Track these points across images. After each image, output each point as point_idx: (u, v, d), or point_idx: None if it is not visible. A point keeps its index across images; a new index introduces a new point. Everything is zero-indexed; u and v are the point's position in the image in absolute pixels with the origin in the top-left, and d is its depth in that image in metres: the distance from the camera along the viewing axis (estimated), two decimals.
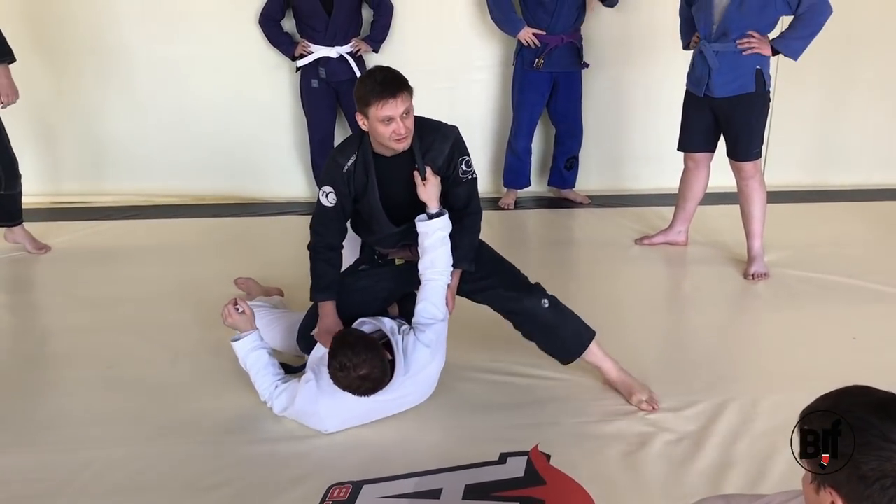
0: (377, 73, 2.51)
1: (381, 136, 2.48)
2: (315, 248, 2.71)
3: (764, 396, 2.69)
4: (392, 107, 2.43)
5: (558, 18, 4.46)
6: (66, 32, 4.65)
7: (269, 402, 2.54)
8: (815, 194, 5.06)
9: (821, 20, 3.44)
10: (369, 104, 2.44)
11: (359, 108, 2.49)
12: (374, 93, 2.43)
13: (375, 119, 2.45)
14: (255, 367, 2.55)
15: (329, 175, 2.64)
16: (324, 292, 2.68)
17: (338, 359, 2.32)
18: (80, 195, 4.89)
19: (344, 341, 2.36)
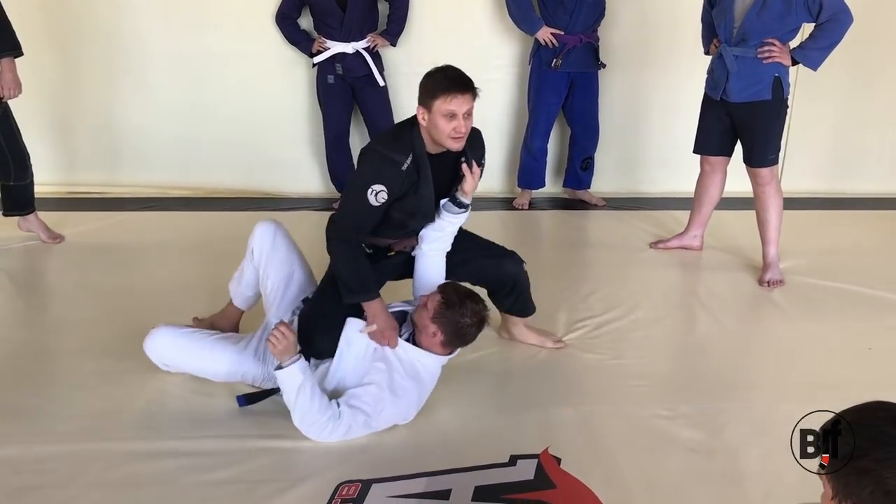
0: (448, 69, 2.53)
1: (440, 131, 2.48)
2: (353, 245, 2.62)
3: (778, 405, 2.67)
4: (459, 102, 2.45)
5: (577, 18, 4.44)
6: (84, 24, 4.67)
7: (327, 431, 2.37)
8: (832, 202, 5.03)
9: (842, 30, 3.41)
10: (436, 96, 2.45)
11: (422, 101, 2.50)
12: (443, 86, 2.45)
13: (439, 113, 2.45)
14: (314, 396, 2.37)
15: (382, 173, 2.52)
16: (373, 290, 2.58)
17: (474, 307, 2.46)
18: (96, 186, 4.90)
19: (460, 294, 2.47)
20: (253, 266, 2.82)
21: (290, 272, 2.78)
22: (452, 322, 2.47)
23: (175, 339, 2.64)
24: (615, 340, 3.18)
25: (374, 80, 4.48)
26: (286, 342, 2.35)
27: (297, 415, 2.38)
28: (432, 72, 2.55)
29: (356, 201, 2.56)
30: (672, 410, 2.65)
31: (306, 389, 2.36)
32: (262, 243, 2.78)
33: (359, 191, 2.54)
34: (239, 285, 2.91)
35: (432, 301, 2.49)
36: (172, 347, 2.63)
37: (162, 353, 2.65)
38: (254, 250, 2.80)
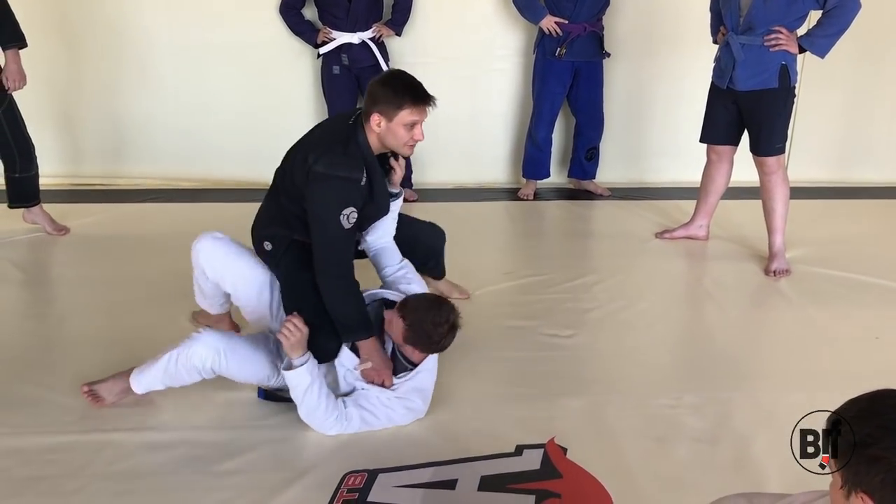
0: (405, 77, 2.51)
1: (398, 139, 2.47)
2: (349, 279, 2.51)
3: (784, 394, 2.66)
4: (422, 113, 2.46)
5: (582, 7, 4.42)
6: (88, 16, 4.66)
7: (333, 428, 2.39)
8: (839, 191, 5.01)
9: (849, 17, 3.38)
10: (402, 107, 2.42)
11: (380, 109, 2.44)
12: (411, 97, 2.43)
13: (401, 123, 2.44)
14: (321, 395, 2.36)
15: (348, 196, 2.44)
16: (369, 328, 2.48)
17: (439, 319, 2.40)
18: (100, 177, 4.90)
19: (420, 311, 2.42)
20: (211, 283, 2.71)
21: (261, 279, 2.64)
22: (423, 339, 2.44)
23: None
24: (620, 330, 3.17)
25: (380, 70, 4.47)
26: (299, 335, 2.33)
27: (303, 411, 2.38)
28: (388, 81, 2.52)
29: (332, 233, 2.46)
30: (678, 400, 2.65)
31: (314, 390, 2.34)
32: (211, 260, 2.65)
33: (330, 221, 2.44)
34: (205, 299, 2.83)
35: (397, 325, 2.45)
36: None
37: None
38: (205, 270, 2.67)
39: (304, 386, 2.34)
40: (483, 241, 4.15)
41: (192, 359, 2.38)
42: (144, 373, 2.47)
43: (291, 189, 2.54)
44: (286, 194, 2.59)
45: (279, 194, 2.63)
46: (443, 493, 2.19)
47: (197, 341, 2.40)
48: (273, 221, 2.65)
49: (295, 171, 2.51)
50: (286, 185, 2.58)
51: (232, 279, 2.66)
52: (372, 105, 2.46)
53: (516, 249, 4.14)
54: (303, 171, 2.45)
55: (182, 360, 2.39)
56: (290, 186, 2.55)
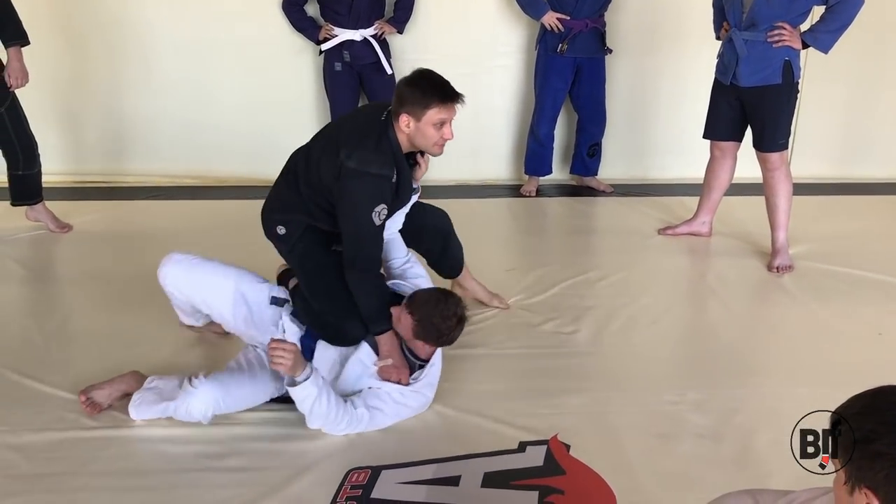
0: (432, 76, 2.49)
1: (427, 139, 2.47)
2: (376, 273, 2.57)
3: (788, 390, 2.66)
4: (451, 111, 2.46)
5: (583, 3, 4.41)
6: (91, 13, 4.66)
7: (346, 428, 2.38)
8: (842, 187, 4.99)
9: (853, 12, 3.38)
10: (429, 106, 2.42)
11: (408, 109, 2.44)
12: (439, 96, 2.43)
13: (430, 122, 2.44)
14: (330, 403, 2.34)
15: (381, 193, 2.46)
16: (390, 321, 2.52)
17: (447, 312, 2.43)
18: (103, 175, 4.90)
19: (429, 306, 2.44)
20: (186, 301, 2.74)
21: (231, 294, 2.63)
22: (433, 332, 2.47)
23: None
24: (624, 327, 3.17)
25: (382, 67, 4.47)
26: (292, 356, 2.24)
27: (312, 422, 2.37)
28: (418, 79, 2.50)
29: (364, 229, 2.48)
30: (681, 396, 2.65)
31: (322, 401, 2.32)
32: (177, 283, 2.68)
33: (362, 217, 2.46)
34: (187, 316, 2.84)
35: (405, 319, 2.48)
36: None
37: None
38: (174, 294, 2.72)
39: (312, 398, 2.31)
40: (485, 238, 4.13)
41: (192, 412, 2.37)
42: (143, 409, 2.45)
43: (317, 181, 2.55)
44: (309, 185, 2.58)
45: (299, 183, 2.61)
46: (446, 489, 2.19)
47: (192, 396, 2.36)
48: (291, 208, 2.64)
49: (323, 163, 2.51)
50: (311, 177, 2.57)
51: (201, 297, 2.68)
52: (400, 106, 2.46)
53: (519, 246, 4.14)
54: (334, 166, 2.46)
55: (182, 413, 2.38)
56: (314, 178, 2.55)
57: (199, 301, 2.69)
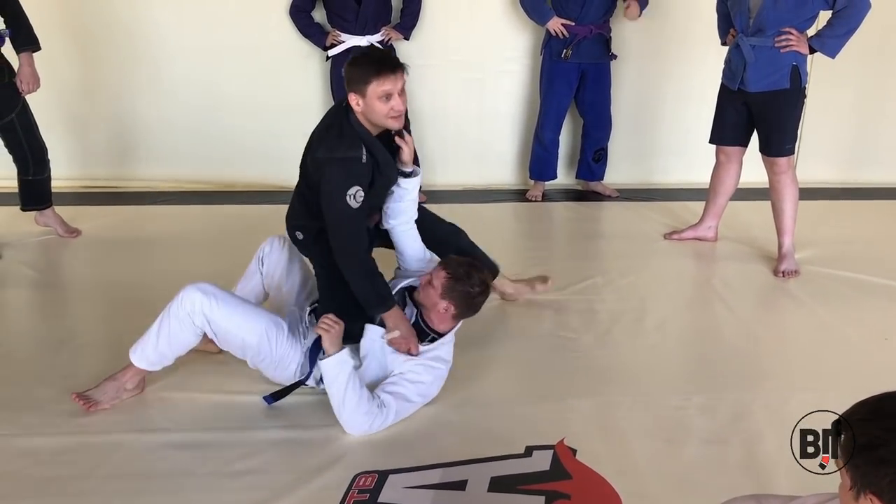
0: (372, 53, 2.65)
1: (378, 113, 2.52)
2: (361, 258, 2.62)
3: (793, 395, 2.66)
4: (392, 82, 2.49)
5: (588, 9, 4.43)
6: (98, 19, 4.70)
7: (378, 422, 2.41)
8: (849, 192, 5.00)
9: (859, 17, 3.39)
10: (368, 81, 2.47)
11: (353, 88, 2.52)
12: (374, 69, 2.48)
13: (374, 96, 2.49)
14: (362, 390, 2.40)
15: (353, 174, 2.53)
16: (391, 300, 2.59)
17: (480, 276, 2.54)
18: (111, 180, 4.94)
19: (464, 266, 2.54)
20: (260, 274, 2.87)
21: (305, 277, 2.87)
22: (463, 294, 2.54)
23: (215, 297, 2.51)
24: (629, 331, 3.18)
25: None
26: (338, 328, 2.40)
27: (348, 406, 2.38)
28: (356, 58, 2.60)
29: (340, 213, 2.55)
30: (687, 400, 2.65)
31: (355, 380, 2.39)
32: (275, 255, 2.86)
33: (338, 201, 2.53)
34: (240, 292, 2.84)
35: (438, 278, 2.54)
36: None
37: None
38: (264, 260, 2.86)
39: (347, 372, 2.37)
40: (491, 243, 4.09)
41: (184, 303, 2.43)
42: (140, 343, 2.52)
43: (311, 181, 2.66)
44: (308, 187, 2.70)
45: (302, 187, 2.76)
46: (453, 494, 2.19)
47: (189, 286, 2.46)
48: (301, 212, 2.78)
49: (309, 164, 2.67)
50: (307, 178, 2.70)
51: (293, 271, 2.86)
52: (347, 87, 2.55)
53: (524, 251, 4.14)
54: (313, 162, 2.63)
55: (174, 309, 2.45)
56: (310, 178, 2.67)
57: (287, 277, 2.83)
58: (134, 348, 2.53)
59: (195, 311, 2.43)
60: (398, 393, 2.46)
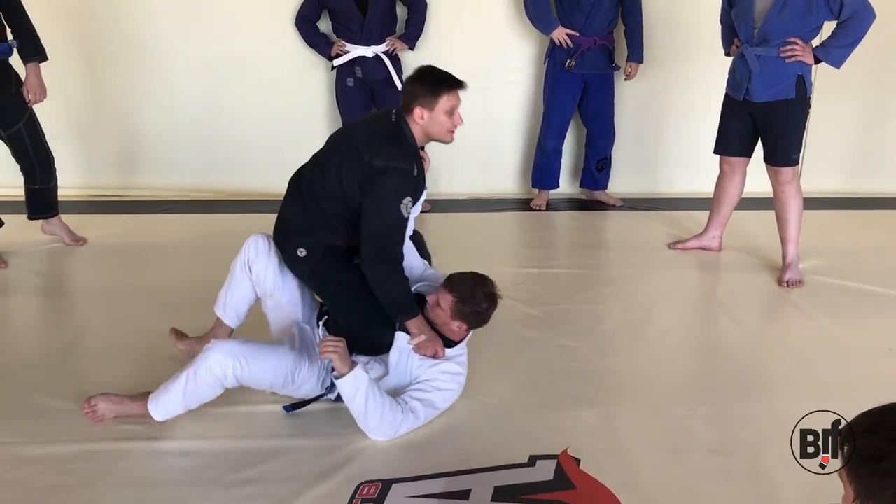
0: (435, 69, 2.65)
1: (441, 126, 2.60)
2: (401, 264, 2.64)
3: (798, 405, 2.61)
4: (458, 98, 2.62)
5: (593, 20, 4.45)
6: (104, 29, 4.72)
7: (404, 427, 2.44)
8: (853, 201, 5.00)
9: (864, 27, 3.40)
10: (440, 95, 2.57)
11: (420, 102, 2.57)
12: (447, 84, 2.59)
13: (442, 110, 2.57)
14: (384, 397, 2.42)
15: (408, 184, 2.57)
16: (416, 308, 2.61)
17: (486, 290, 2.56)
18: (116, 189, 4.96)
19: (468, 284, 2.55)
20: (250, 281, 2.78)
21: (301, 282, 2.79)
22: (472, 313, 2.58)
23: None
24: (634, 341, 3.18)
25: (393, 83, 4.51)
26: (343, 346, 2.39)
27: (372, 418, 2.40)
28: (425, 74, 2.64)
29: (393, 222, 2.57)
30: (691, 410, 2.65)
31: (374, 391, 2.40)
32: (262, 258, 2.75)
33: (393, 210, 2.55)
34: (230, 301, 2.82)
35: (444, 300, 2.56)
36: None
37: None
38: (251, 266, 2.75)
39: (364, 387, 2.37)
40: (495, 252, 4.16)
41: (214, 369, 2.39)
42: (161, 397, 2.45)
43: (339, 192, 2.61)
44: (329, 198, 2.64)
45: (317, 200, 2.66)
46: (456, 503, 2.19)
47: (214, 351, 2.41)
48: (311, 228, 2.68)
49: (346, 172, 2.59)
50: (331, 189, 2.63)
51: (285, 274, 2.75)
52: (412, 101, 2.59)
53: (528, 260, 4.15)
54: (359, 170, 2.55)
55: (202, 373, 2.40)
56: (335, 189, 2.61)
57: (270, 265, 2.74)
58: (156, 405, 2.44)
59: (227, 375, 2.40)
60: (427, 400, 2.49)
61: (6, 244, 3.90)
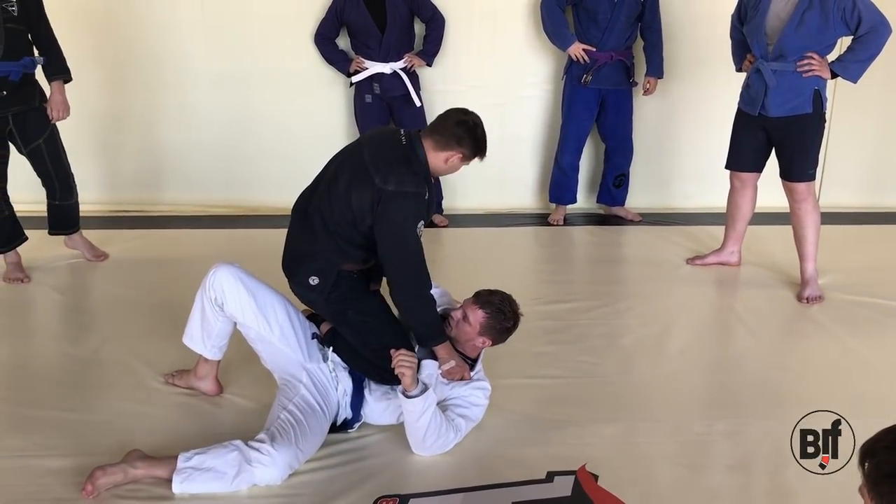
0: (483, 132, 2.64)
1: (448, 171, 2.65)
2: (429, 289, 2.63)
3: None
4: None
5: (610, 35, 4.47)
6: (127, 46, 4.79)
7: (450, 442, 2.46)
8: (872, 216, 4.96)
9: (881, 42, 3.39)
10: (476, 155, 2.64)
11: (462, 151, 2.59)
12: (483, 150, 2.64)
13: (463, 164, 2.64)
14: (437, 416, 2.41)
15: (420, 210, 2.54)
16: (445, 332, 2.60)
17: (513, 308, 2.60)
18: (138, 204, 5.01)
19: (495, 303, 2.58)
20: (225, 317, 2.62)
21: (283, 305, 2.62)
22: (500, 329, 2.61)
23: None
24: (653, 357, 3.17)
25: (411, 99, 4.54)
26: (416, 364, 2.39)
27: (431, 436, 2.40)
28: (475, 131, 2.61)
29: (412, 247, 2.53)
30: (710, 427, 2.64)
31: (437, 410, 2.41)
32: (231, 294, 2.57)
33: (410, 236, 2.52)
34: (209, 338, 2.68)
35: (474, 316, 2.57)
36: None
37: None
38: (224, 304, 2.57)
39: (433, 407, 2.39)
40: (512, 267, 4.17)
41: (270, 480, 2.29)
42: (193, 484, 2.27)
43: (349, 215, 2.54)
44: (337, 222, 2.56)
45: (326, 224, 2.58)
46: None
47: (269, 466, 2.27)
48: (319, 254, 2.60)
49: (355, 195, 2.52)
50: (339, 213, 2.55)
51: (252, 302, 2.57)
52: (459, 146, 2.59)
53: (546, 275, 4.15)
54: (370, 193, 2.49)
55: (246, 479, 2.28)
56: (345, 213, 2.54)
57: (245, 304, 2.55)
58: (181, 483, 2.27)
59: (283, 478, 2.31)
60: (467, 416, 2.52)
61: (29, 259, 3.95)
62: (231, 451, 2.29)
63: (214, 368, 2.79)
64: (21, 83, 3.61)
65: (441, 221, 4.76)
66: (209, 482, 2.26)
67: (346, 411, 2.57)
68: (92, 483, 2.23)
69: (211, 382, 2.80)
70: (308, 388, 2.52)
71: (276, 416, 2.43)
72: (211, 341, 2.70)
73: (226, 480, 2.26)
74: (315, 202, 2.64)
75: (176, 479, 2.25)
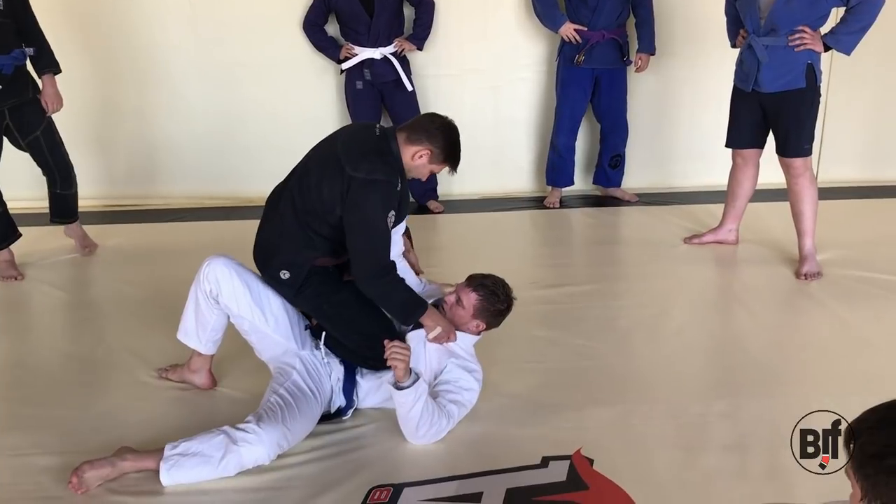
0: (456, 134, 2.65)
1: (421, 174, 2.65)
2: (395, 270, 2.59)
3: (816, 400, 2.57)
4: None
5: (600, 14, 4.42)
6: (118, 40, 4.77)
7: (443, 431, 2.44)
8: (870, 190, 4.92)
9: (874, 12, 3.35)
10: (444, 163, 2.65)
11: (433, 151, 2.58)
12: (456, 163, 2.67)
13: (434, 170, 2.65)
14: (429, 405, 2.39)
15: (391, 198, 2.51)
16: (424, 301, 2.60)
17: (506, 291, 2.61)
18: (133, 198, 4.99)
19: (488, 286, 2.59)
20: (220, 309, 2.60)
21: (277, 296, 2.62)
22: (493, 311, 2.61)
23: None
24: (650, 338, 3.15)
25: (403, 84, 4.50)
26: (409, 355, 2.35)
27: (423, 425, 2.38)
28: (454, 139, 2.63)
29: (380, 233, 2.51)
30: (707, 407, 2.62)
31: (429, 400, 2.39)
32: (226, 287, 2.57)
33: (378, 222, 2.49)
34: (203, 332, 2.67)
35: (467, 299, 2.58)
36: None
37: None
38: (219, 295, 2.56)
39: (424, 397, 2.36)
40: (509, 251, 4.14)
41: (258, 459, 2.28)
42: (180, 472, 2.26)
43: (319, 206, 2.52)
44: (309, 213, 2.55)
45: (297, 216, 2.56)
46: None
47: (254, 444, 2.26)
48: (291, 248, 2.58)
49: (326, 185, 2.50)
50: (311, 204, 2.54)
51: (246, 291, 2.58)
52: (429, 142, 2.57)
53: (543, 258, 4.13)
54: (340, 183, 2.47)
55: (234, 460, 2.27)
56: (316, 203, 2.52)
57: (240, 295, 2.55)
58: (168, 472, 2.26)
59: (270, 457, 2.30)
60: (459, 402, 2.50)
61: (22, 255, 3.94)
62: (217, 435, 2.30)
63: (208, 362, 2.78)
64: (14, 76, 3.63)
65: (436, 207, 4.73)
66: (196, 467, 2.25)
67: (339, 398, 2.57)
68: (78, 476, 2.22)
69: (204, 376, 2.79)
70: (301, 374, 2.53)
71: (266, 399, 2.45)
72: (206, 335, 2.69)
73: (212, 464, 2.25)
74: (286, 194, 2.62)
75: (163, 468, 2.25)
